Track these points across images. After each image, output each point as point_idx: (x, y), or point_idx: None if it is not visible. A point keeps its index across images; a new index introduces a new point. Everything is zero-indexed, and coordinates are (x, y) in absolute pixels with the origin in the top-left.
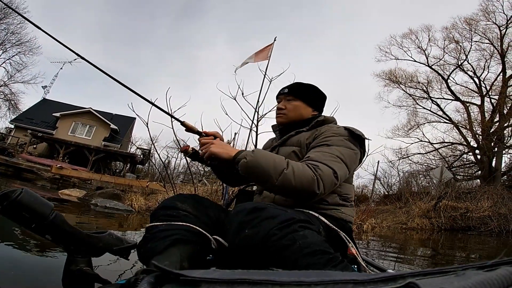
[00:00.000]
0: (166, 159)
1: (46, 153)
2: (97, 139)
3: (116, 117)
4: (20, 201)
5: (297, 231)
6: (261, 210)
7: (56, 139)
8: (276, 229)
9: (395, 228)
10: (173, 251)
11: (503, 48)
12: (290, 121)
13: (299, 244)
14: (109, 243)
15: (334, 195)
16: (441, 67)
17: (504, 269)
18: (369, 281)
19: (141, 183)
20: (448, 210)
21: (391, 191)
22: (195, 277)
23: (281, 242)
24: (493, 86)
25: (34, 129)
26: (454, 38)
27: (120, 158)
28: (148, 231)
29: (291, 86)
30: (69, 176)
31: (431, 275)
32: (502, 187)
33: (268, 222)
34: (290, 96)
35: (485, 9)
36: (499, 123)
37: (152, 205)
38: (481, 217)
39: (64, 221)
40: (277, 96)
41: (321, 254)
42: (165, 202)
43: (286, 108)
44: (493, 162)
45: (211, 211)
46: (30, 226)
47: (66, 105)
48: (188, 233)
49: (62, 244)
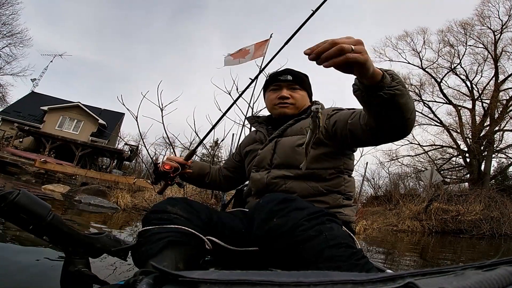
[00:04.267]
0: (154, 156)
1: (33, 147)
2: (84, 134)
3: (105, 112)
4: (17, 203)
5: (324, 223)
6: (291, 201)
7: (43, 133)
8: (305, 220)
9: (385, 230)
10: (167, 253)
11: (497, 53)
12: (298, 112)
13: (325, 236)
14: (107, 244)
15: (338, 196)
16: (434, 70)
17: (503, 268)
18: (368, 281)
19: (128, 179)
20: (439, 213)
21: (379, 192)
22: (193, 278)
23: (308, 233)
24: (485, 90)
25: (21, 123)
26: (449, 42)
27: (107, 154)
28: (141, 235)
29: (295, 74)
30: (54, 171)
31: (430, 275)
32: (495, 190)
33: (297, 212)
34: (295, 84)
35: (481, 14)
36: (489, 127)
37: (139, 203)
38: (472, 220)
39: (62, 222)
40: (272, 82)
41: (345, 247)
42: (156, 206)
43: (293, 97)
44: (482, 165)
45: (202, 213)
46: (27, 227)
47: (55, 98)
48: (181, 235)
49: (60, 245)
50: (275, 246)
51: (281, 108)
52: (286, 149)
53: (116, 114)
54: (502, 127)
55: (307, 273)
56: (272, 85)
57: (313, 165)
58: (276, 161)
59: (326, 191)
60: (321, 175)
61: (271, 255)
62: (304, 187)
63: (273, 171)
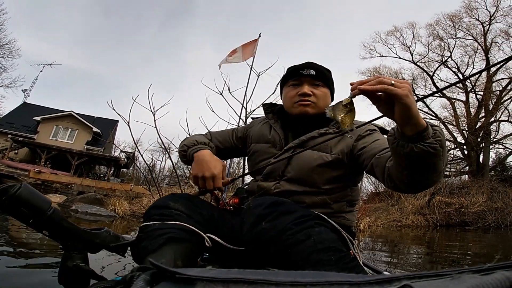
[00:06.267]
0: (151, 162)
1: (28, 158)
2: (79, 143)
3: (98, 120)
4: (18, 196)
5: (312, 227)
6: (280, 205)
7: (38, 144)
8: (293, 224)
9: (390, 226)
10: (167, 250)
11: (487, 44)
12: (318, 113)
13: (313, 240)
14: (105, 239)
15: (342, 203)
16: (425, 64)
17: (500, 273)
18: (364, 283)
19: (124, 186)
20: (442, 206)
21: (379, 189)
22: (191, 275)
23: (296, 237)
24: (477, 82)
25: (15, 134)
26: (438, 35)
27: (103, 162)
28: (142, 230)
29: (318, 68)
30: (51, 181)
31: (427, 278)
32: (496, 181)
33: (285, 216)
34: (319, 81)
35: (468, 6)
36: (485, 119)
37: (137, 210)
38: (477, 212)
39: (62, 217)
40: (292, 77)
41: (333, 251)
42: (158, 201)
43: (315, 95)
44: (480, 157)
45: (205, 210)
46: (28, 221)
47: (47, 108)
48: (181, 232)
49: (59, 239)
50: (264, 249)
51: (301, 107)
52: (302, 165)
53: (110, 121)
54: (498, 118)
55: (304, 273)
56: (292, 80)
57: (326, 185)
58: (288, 174)
59: (333, 202)
60: (332, 190)
61: (263, 257)
62: (313, 200)
63: (282, 183)
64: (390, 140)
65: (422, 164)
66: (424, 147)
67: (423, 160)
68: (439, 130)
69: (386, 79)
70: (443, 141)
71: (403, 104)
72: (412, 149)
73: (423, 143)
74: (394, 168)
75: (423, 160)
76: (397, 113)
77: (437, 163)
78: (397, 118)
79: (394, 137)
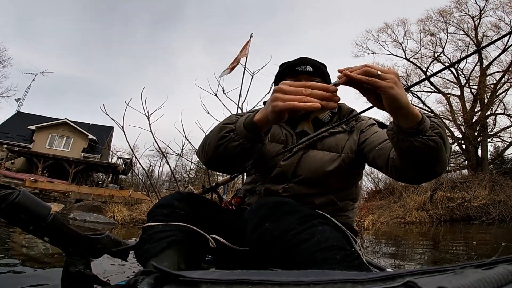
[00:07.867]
0: (149, 168)
1: (25, 167)
2: (76, 151)
3: (93, 127)
4: (18, 203)
5: (316, 226)
6: (283, 205)
7: (34, 153)
8: (296, 224)
9: (393, 223)
10: (169, 253)
11: (478, 38)
12: None
13: (317, 238)
14: (107, 244)
15: (347, 201)
16: (418, 60)
17: (502, 267)
18: (368, 280)
19: (123, 192)
20: (445, 201)
21: (378, 187)
22: (194, 277)
23: (300, 236)
24: (471, 76)
25: (10, 144)
26: (429, 30)
27: (101, 169)
28: (145, 231)
29: (314, 64)
30: (49, 190)
31: (430, 274)
32: (497, 174)
33: (288, 216)
34: (317, 77)
35: (458, 1)
36: (481, 112)
37: (137, 216)
38: (480, 206)
39: (62, 223)
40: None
41: (338, 249)
42: (162, 200)
43: None
44: (479, 151)
45: (208, 210)
46: (28, 228)
47: (42, 117)
48: (185, 233)
49: (61, 245)
50: (268, 250)
51: None
52: (313, 167)
53: (105, 128)
54: (494, 111)
55: (307, 272)
56: (288, 77)
57: (336, 185)
58: (299, 176)
59: (340, 201)
60: (341, 189)
61: (267, 258)
62: (321, 200)
63: (292, 185)
64: (390, 134)
65: (424, 157)
66: (424, 141)
67: (425, 153)
68: (438, 121)
69: (373, 69)
70: (442, 133)
71: (389, 96)
72: (412, 143)
73: (422, 137)
74: (398, 160)
75: (425, 153)
76: (386, 104)
77: (439, 154)
78: (387, 109)
79: (393, 131)
